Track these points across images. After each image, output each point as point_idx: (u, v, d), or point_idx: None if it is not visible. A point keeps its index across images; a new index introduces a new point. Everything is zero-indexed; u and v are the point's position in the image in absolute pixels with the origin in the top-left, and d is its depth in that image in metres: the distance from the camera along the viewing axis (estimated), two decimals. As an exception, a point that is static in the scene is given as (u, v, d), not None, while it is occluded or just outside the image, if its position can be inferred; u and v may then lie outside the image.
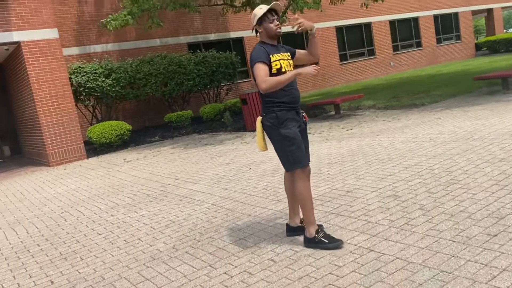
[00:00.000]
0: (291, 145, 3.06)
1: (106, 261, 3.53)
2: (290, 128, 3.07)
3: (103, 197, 5.89)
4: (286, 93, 3.09)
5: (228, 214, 4.20)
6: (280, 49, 3.22)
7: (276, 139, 3.13)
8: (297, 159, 3.07)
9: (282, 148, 3.11)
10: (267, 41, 3.18)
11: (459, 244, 2.76)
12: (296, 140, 3.07)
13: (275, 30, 3.14)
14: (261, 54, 3.06)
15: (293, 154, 3.07)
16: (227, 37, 16.56)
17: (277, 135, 3.10)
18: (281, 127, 3.07)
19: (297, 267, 2.84)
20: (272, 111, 3.10)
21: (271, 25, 3.14)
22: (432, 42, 23.95)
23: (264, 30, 3.16)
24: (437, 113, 8.04)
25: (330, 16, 19.50)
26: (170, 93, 12.96)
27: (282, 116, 3.07)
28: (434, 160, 4.80)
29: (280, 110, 3.08)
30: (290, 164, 3.11)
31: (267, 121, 3.13)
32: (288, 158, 3.09)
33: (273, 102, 3.09)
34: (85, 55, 13.55)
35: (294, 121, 3.11)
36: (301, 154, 3.09)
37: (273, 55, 3.10)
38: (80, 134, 10.12)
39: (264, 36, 3.19)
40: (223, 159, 7.14)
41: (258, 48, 3.11)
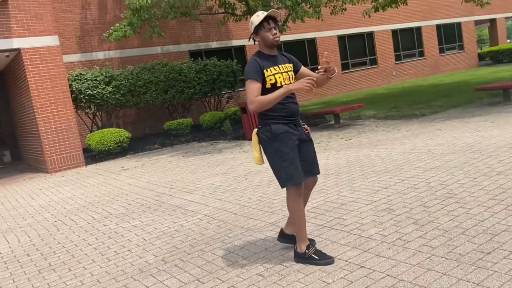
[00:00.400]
0: (284, 160, 2.94)
1: (94, 273, 3.48)
2: (285, 142, 2.96)
3: (98, 206, 5.84)
4: (283, 106, 2.98)
5: (220, 226, 4.14)
6: (279, 60, 3.08)
7: (269, 153, 3.02)
8: (290, 176, 2.94)
9: (275, 163, 3.00)
10: (265, 51, 3.06)
11: (451, 261, 2.69)
12: (289, 155, 2.95)
13: (272, 39, 3.00)
14: (253, 70, 2.94)
15: (286, 170, 2.95)
16: (229, 45, 16.59)
17: (271, 149, 2.99)
18: (275, 141, 2.96)
19: (285, 283, 2.77)
20: (267, 124, 3.00)
21: (267, 34, 3.00)
22: (434, 51, 23.93)
23: (261, 39, 3.03)
24: (437, 124, 7.98)
25: (332, 25, 19.53)
26: (171, 101, 12.96)
27: (276, 130, 2.96)
28: (431, 173, 4.73)
29: (275, 123, 2.97)
30: (282, 180, 2.99)
31: (262, 133, 3.03)
32: (280, 174, 2.98)
33: (268, 115, 2.99)
34: (87, 62, 13.59)
35: (290, 134, 2.99)
36: (294, 170, 2.95)
37: (268, 69, 2.97)
38: (79, 141, 10.10)
39: (262, 45, 3.06)
40: (220, 169, 7.09)
41: (252, 62, 2.98)
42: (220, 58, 15.24)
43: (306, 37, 18.85)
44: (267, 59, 3.03)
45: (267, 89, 2.96)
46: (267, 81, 2.97)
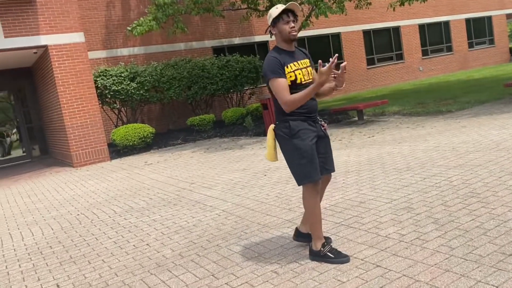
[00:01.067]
0: (302, 158, 2.89)
1: (112, 266, 3.54)
2: (303, 140, 2.90)
3: (120, 200, 5.94)
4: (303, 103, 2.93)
5: (237, 222, 4.14)
6: (297, 55, 3.00)
7: (287, 150, 2.96)
8: (307, 174, 2.89)
9: (292, 160, 2.94)
10: (282, 46, 2.97)
11: (471, 262, 2.61)
12: (307, 153, 2.89)
13: (289, 33, 2.91)
14: (275, 67, 2.86)
15: (303, 168, 2.90)
16: (252, 41, 16.57)
17: (289, 145, 2.93)
18: (294, 138, 2.90)
19: (299, 280, 2.75)
20: (285, 120, 2.93)
21: (285, 26, 2.90)
22: (463, 46, 23.30)
23: (278, 31, 2.94)
24: (463, 120, 7.77)
25: (357, 19, 19.26)
26: (194, 97, 13.05)
27: (296, 126, 2.90)
28: (454, 171, 4.61)
29: (295, 119, 2.92)
30: (299, 178, 2.94)
31: (279, 130, 2.97)
32: (298, 171, 2.93)
33: (286, 112, 2.92)
34: (112, 58, 13.82)
35: (309, 131, 2.93)
36: (312, 168, 2.90)
37: (288, 66, 2.90)
38: (104, 136, 10.29)
39: (279, 39, 2.97)
40: (240, 165, 7.10)
41: (272, 59, 2.89)
42: (242, 54, 15.25)
43: (331, 32, 18.64)
44: (287, 55, 2.95)
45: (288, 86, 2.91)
46: (287, 77, 2.90)
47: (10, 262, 4.07)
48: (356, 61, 19.47)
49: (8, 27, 9.12)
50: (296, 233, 3.31)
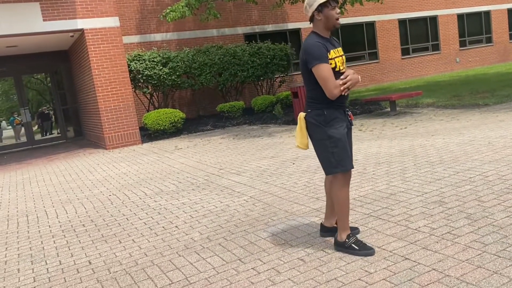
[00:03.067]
0: (335, 146, 2.85)
1: (142, 246, 3.63)
2: (337, 128, 2.86)
3: (150, 182, 6.06)
4: None
5: (265, 209, 4.16)
6: (334, 43, 2.95)
7: (319, 138, 2.91)
8: (341, 162, 2.86)
9: (324, 148, 2.90)
10: (321, 33, 2.87)
11: (504, 260, 2.54)
12: (341, 141, 2.85)
13: (335, 20, 2.84)
14: (321, 52, 2.77)
15: (337, 156, 2.86)
16: (284, 28, 16.43)
17: (322, 134, 2.88)
18: (327, 126, 2.85)
19: (326, 269, 2.75)
20: (319, 108, 2.88)
21: (332, 13, 2.82)
22: (504, 37, 22.39)
23: (324, 18, 2.84)
24: (501, 114, 7.50)
25: (392, 8, 18.78)
26: (224, 84, 13.09)
27: (330, 115, 2.86)
28: (489, 166, 4.47)
29: (328, 108, 2.87)
30: (332, 166, 2.89)
31: (312, 118, 2.92)
32: (331, 160, 2.88)
33: (321, 100, 2.88)
34: (145, 44, 13.99)
35: (341, 121, 2.89)
36: (346, 156, 2.87)
37: (330, 52, 2.83)
38: (136, 120, 10.49)
39: (321, 26, 2.87)
40: (268, 152, 7.11)
41: (316, 44, 2.79)
42: (274, 41, 15.17)
43: (365, 21, 18.26)
44: (326, 42, 2.88)
45: None
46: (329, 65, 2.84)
47: (45, 238, 4.23)
48: (391, 51, 19.03)
49: (47, 11, 9.36)
50: (321, 229, 3.29)
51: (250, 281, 2.74)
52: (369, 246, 2.90)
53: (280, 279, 2.70)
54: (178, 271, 3.05)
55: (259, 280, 2.73)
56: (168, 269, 3.09)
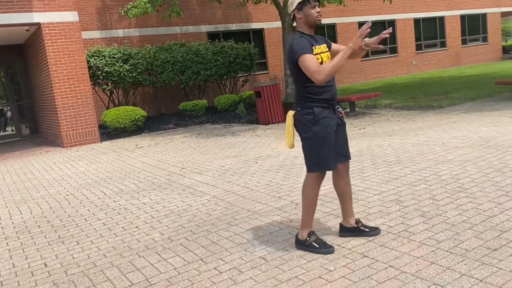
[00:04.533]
0: (322, 146, 2.87)
1: (101, 248, 3.54)
2: (324, 128, 2.87)
3: (109, 182, 5.93)
4: (326, 89, 2.88)
5: (227, 208, 4.17)
6: (318, 40, 2.98)
7: (307, 137, 2.91)
8: (325, 162, 2.88)
9: (311, 147, 2.92)
10: (304, 31, 2.92)
11: (456, 256, 2.66)
12: (327, 141, 2.87)
13: (315, 18, 2.87)
14: (306, 45, 2.80)
15: (321, 156, 2.88)
16: (248, 28, 16.46)
17: (310, 132, 2.88)
18: (315, 125, 2.86)
19: (287, 267, 2.79)
20: (309, 107, 2.88)
21: (312, 11, 2.85)
22: (457, 42, 23.39)
23: (304, 16, 2.88)
24: (454, 116, 7.84)
25: (353, 11, 19.21)
26: (187, 82, 12.97)
27: (318, 114, 2.86)
28: (443, 166, 4.67)
29: (318, 106, 2.88)
30: (314, 165, 2.92)
31: (301, 116, 2.91)
32: (314, 159, 2.90)
33: (310, 98, 2.88)
34: (105, 39, 13.64)
35: (330, 120, 2.90)
36: (330, 157, 2.89)
37: (315, 47, 2.87)
38: (95, 117, 10.21)
39: (302, 24, 2.91)
40: (231, 151, 7.11)
41: (300, 38, 2.84)
42: (238, 40, 15.15)
43: (327, 23, 18.58)
44: (311, 38, 2.91)
45: None
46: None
47: (-3, 240, 4.06)
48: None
49: (0, 2, 8.95)
50: (340, 229, 3.21)
51: (212, 281, 2.74)
52: (329, 244, 2.97)
53: (242, 278, 2.71)
54: (139, 272, 3.00)
55: (221, 279, 2.74)
56: (128, 271, 3.04)
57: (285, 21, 12.58)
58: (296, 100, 3.00)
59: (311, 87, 2.88)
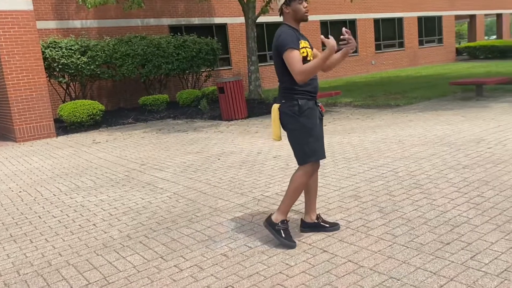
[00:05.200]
0: (310, 136, 2.89)
1: (56, 246, 3.42)
2: (310, 118, 2.90)
3: (65, 178, 5.73)
4: (309, 82, 2.91)
5: (189, 205, 4.12)
6: (303, 36, 3.00)
7: (293, 128, 2.93)
8: (314, 151, 2.91)
9: (299, 138, 2.93)
10: (292, 25, 2.93)
11: (411, 250, 2.75)
12: (314, 131, 2.91)
13: (303, 13, 2.90)
14: (292, 39, 2.81)
15: (310, 146, 2.90)
16: (211, 23, 16.33)
17: (296, 124, 2.90)
18: (302, 116, 2.88)
19: (248, 264, 2.79)
20: (294, 99, 2.89)
21: (300, 6, 2.88)
22: (414, 43, 24.18)
23: (292, 11, 2.89)
24: (410, 115, 8.10)
25: (315, 9, 19.44)
26: (147, 76, 12.72)
27: (304, 105, 2.88)
28: (400, 163, 4.82)
29: (302, 98, 2.90)
30: (305, 156, 2.92)
31: (286, 109, 2.92)
32: (305, 149, 2.91)
33: (295, 90, 2.90)
34: (63, 30, 13.16)
35: (314, 111, 2.94)
36: (319, 146, 2.93)
37: (301, 41, 2.89)
38: (50, 111, 9.83)
39: (290, 19, 2.93)
40: (193, 147, 7.04)
41: (288, 31, 2.85)
42: (200, 35, 15.01)
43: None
44: (297, 32, 2.93)
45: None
46: (301, 53, 2.87)
47: None
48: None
49: None
50: (302, 225, 3.23)
51: (172, 278, 2.70)
52: (293, 240, 2.99)
53: (203, 276, 2.69)
54: (96, 270, 2.92)
55: (182, 277, 2.70)
56: (85, 269, 2.95)
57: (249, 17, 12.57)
58: (281, 93, 3.00)
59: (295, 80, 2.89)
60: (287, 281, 2.52)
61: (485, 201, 3.46)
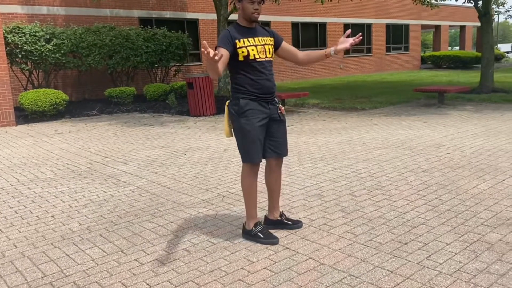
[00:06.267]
0: (245, 138, 2.90)
1: (11, 237, 3.30)
2: (249, 120, 2.88)
3: (24, 168, 5.53)
4: (253, 82, 2.89)
5: (152, 199, 4.07)
6: (257, 32, 2.97)
7: (234, 127, 2.97)
8: (247, 154, 2.92)
9: (237, 138, 2.96)
10: (241, 22, 2.94)
11: (371, 249, 2.82)
12: (250, 134, 2.88)
13: (251, 14, 2.87)
14: (223, 38, 2.84)
15: (245, 148, 2.92)
16: (182, 17, 16.15)
17: (236, 123, 2.93)
18: (241, 117, 2.89)
19: (210, 259, 2.78)
20: (237, 98, 2.92)
21: (248, 5, 2.86)
22: (381, 50, 24.75)
23: (242, 9, 2.90)
24: (375, 118, 8.29)
25: (288, 10, 19.58)
26: (114, 67, 12.45)
27: (244, 105, 2.88)
28: (363, 164, 4.92)
29: (244, 98, 2.89)
30: (242, 156, 2.97)
31: (231, 107, 2.96)
32: (241, 150, 2.96)
33: (239, 89, 2.92)
34: (28, 15, 12.69)
35: (258, 112, 2.90)
36: (253, 149, 2.90)
37: (241, 40, 2.86)
38: (10, 98, 9.46)
39: (240, 15, 2.94)
40: (159, 142, 6.95)
41: (225, 32, 2.87)
42: (171, 29, 14.83)
43: (261, 20, 18.76)
44: (242, 31, 2.91)
45: (240, 62, 2.88)
46: (239, 53, 2.85)
47: None
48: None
49: None
50: (265, 222, 3.25)
51: (132, 272, 2.66)
52: (274, 235, 3.01)
53: (163, 270, 2.67)
54: (53, 263, 2.83)
55: (142, 271, 2.67)
56: (41, 262, 2.86)
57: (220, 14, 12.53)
58: (231, 90, 3.03)
59: (239, 78, 2.93)
60: (248, 277, 2.53)
61: (442, 203, 3.59)
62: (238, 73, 2.92)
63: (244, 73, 2.91)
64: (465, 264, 2.57)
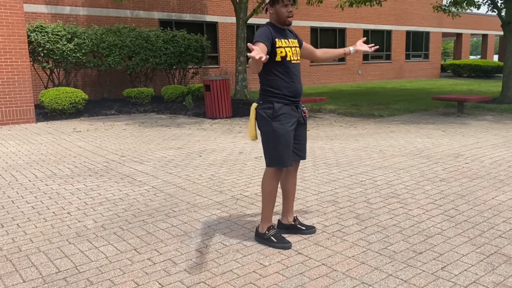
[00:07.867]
0: (279, 142, 2.86)
1: (28, 232, 3.35)
2: (283, 124, 2.86)
3: (42, 165, 5.62)
4: (287, 84, 2.88)
5: (166, 199, 4.09)
6: (288, 34, 2.98)
7: (265, 131, 2.91)
8: (280, 158, 2.88)
9: (268, 142, 2.91)
10: (276, 24, 2.94)
11: (384, 257, 2.79)
12: (284, 138, 2.87)
13: (286, 18, 2.88)
14: (263, 34, 2.80)
15: (277, 152, 2.88)
16: (202, 20, 16.28)
17: (268, 127, 2.88)
18: (274, 120, 2.86)
19: (222, 261, 2.78)
20: (269, 101, 2.88)
21: (283, 10, 2.86)
22: (401, 57, 24.53)
23: (275, 13, 2.88)
24: (392, 126, 8.21)
25: (306, 15, 19.57)
26: (134, 68, 12.60)
27: (278, 109, 2.86)
28: (379, 172, 4.87)
29: (278, 102, 2.87)
30: (271, 160, 2.92)
31: (262, 110, 2.91)
32: (271, 154, 2.91)
33: (272, 92, 2.89)
34: (51, 15, 12.94)
35: (290, 116, 2.90)
36: (286, 153, 2.88)
37: (280, 40, 2.86)
38: (31, 96, 9.65)
39: (274, 19, 2.93)
40: (175, 143, 6.99)
41: (264, 28, 2.84)
42: (190, 31, 14.97)
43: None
44: (279, 31, 2.92)
45: (277, 62, 2.86)
46: (277, 53, 2.85)
47: None
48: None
49: None
50: (279, 226, 3.24)
51: (144, 271, 2.67)
52: (287, 240, 2.99)
53: (175, 270, 2.67)
54: (67, 259, 2.87)
55: (154, 270, 2.68)
56: (56, 257, 2.90)
57: (240, 17, 12.58)
58: (260, 93, 2.99)
59: (272, 80, 2.89)
60: (260, 281, 2.52)
61: (459, 214, 3.52)
62: (272, 74, 2.88)
63: (279, 75, 2.88)
64: (481, 276, 2.52)
